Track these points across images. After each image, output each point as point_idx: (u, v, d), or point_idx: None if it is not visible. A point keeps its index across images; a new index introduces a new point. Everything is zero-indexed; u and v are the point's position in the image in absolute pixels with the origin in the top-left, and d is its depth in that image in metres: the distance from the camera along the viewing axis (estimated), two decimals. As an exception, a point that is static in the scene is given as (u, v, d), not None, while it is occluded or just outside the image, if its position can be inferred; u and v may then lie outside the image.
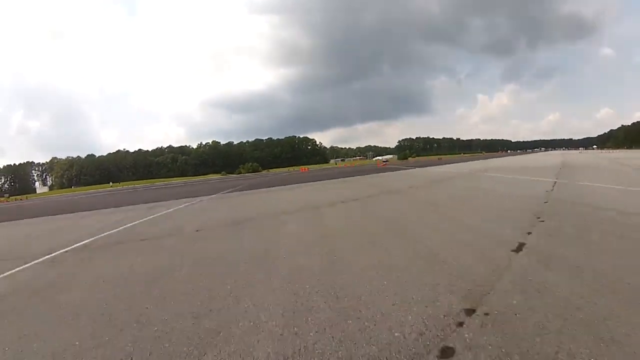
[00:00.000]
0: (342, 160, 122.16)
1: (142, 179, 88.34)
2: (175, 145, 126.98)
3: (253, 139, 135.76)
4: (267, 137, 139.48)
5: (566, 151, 79.56)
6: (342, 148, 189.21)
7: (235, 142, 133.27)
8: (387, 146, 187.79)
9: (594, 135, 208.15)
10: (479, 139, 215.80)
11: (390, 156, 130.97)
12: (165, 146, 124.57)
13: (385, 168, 29.27)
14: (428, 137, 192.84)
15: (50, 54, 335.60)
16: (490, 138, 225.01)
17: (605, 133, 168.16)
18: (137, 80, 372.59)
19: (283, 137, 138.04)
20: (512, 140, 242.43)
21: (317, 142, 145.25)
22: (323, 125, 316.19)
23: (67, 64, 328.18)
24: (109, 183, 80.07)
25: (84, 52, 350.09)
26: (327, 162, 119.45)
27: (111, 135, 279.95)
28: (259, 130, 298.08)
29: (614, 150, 60.58)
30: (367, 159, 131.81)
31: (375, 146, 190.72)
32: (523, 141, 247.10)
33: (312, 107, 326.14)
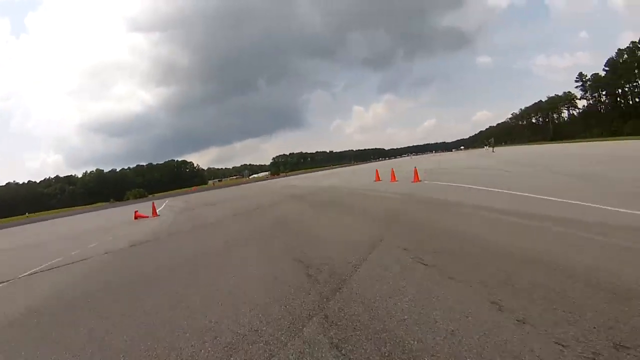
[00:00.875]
0: (219, 180, 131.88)
1: (39, 211, 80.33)
2: (54, 173, 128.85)
3: (134, 165, 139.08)
4: (147, 162, 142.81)
5: (428, 155, 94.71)
6: (219, 169, 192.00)
7: (117, 169, 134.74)
8: (263, 163, 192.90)
9: (467, 137, 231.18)
10: (352, 150, 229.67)
11: (266, 173, 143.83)
12: (49, 175, 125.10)
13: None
14: (302, 152, 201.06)
15: None
16: (363, 148, 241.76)
17: (475, 134, 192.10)
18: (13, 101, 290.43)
19: (162, 162, 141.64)
20: (386, 148, 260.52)
21: (195, 165, 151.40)
22: (201, 145, 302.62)
23: None
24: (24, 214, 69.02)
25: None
26: (205, 183, 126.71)
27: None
28: (138, 154, 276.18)
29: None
30: (243, 177, 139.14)
31: (251, 164, 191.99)
32: (397, 148, 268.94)
33: (190, 127, 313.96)
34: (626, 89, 65.01)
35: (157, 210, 15.46)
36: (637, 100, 62.59)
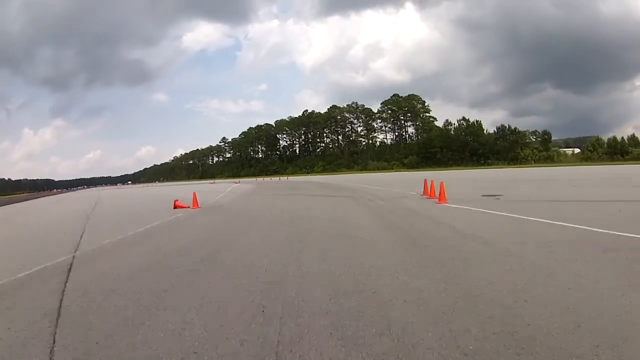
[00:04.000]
0: None
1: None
2: None
3: None
4: None
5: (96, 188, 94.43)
6: None
7: None
8: None
9: (131, 172, 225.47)
10: (27, 179, 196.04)
11: None
12: None
13: None
14: None
15: None
16: (35, 177, 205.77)
17: (140, 170, 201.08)
18: None
19: None
20: (56, 180, 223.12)
21: None
22: None
23: None
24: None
25: None
26: None
27: None
28: None
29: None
30: None
31: None
32: (66, 180, 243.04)
33: None
34: (249, 150, 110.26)
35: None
36: (252, 156, 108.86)
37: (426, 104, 78.93)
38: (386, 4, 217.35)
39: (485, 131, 60.23)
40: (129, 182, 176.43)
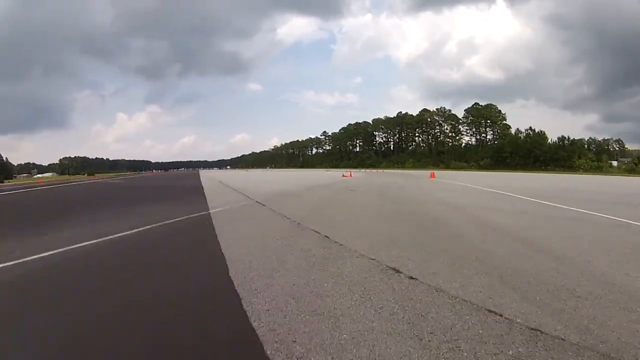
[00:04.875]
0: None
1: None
2: None
3: None
4: None
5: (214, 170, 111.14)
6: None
7: None
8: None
9: (228, 157, 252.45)
10: (125, 159, 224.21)
11: (51, 174, 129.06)
12: None
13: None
14: (85, 157, 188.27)
15: None
16: (131, 158, 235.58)
17: (238, 157, 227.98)
18: None
19: None
20: (152, 161, 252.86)
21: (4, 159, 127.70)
22: None
23: None
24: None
25: None
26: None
27: None
28: None
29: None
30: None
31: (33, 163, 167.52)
32: (162, 162, 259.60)
33: None
34: (347, 144, 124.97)
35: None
36: (350, 150, 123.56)
37: (503, 113, 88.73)
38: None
39: (549, 140, 67.76)
40: (228, 166, 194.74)
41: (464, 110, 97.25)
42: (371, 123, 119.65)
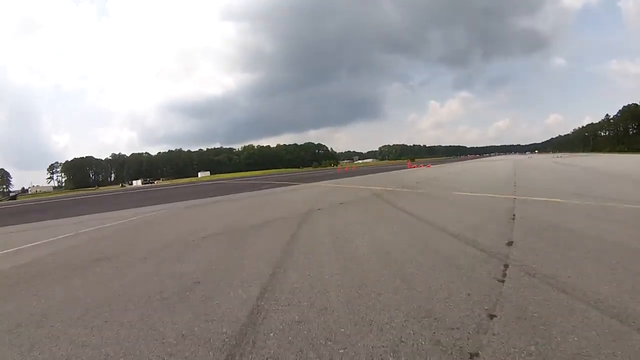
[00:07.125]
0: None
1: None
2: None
3: (283, 144, 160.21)
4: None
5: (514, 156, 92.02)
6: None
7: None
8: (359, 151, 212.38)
9: (540, 141, 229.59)
10: (441, 146, 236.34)
11: (370, 160, 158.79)
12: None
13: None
14: (404, 145, 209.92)
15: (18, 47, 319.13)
16: (447, 144, 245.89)
17: (547, 140, 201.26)
18: (96, 79, 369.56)
19: (303, 143, 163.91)
20: (468, 146, 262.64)
21: (329, 148, 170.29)
22: (276, 130, 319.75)
23: (30, 58, 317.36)
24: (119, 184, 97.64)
25: (49, 47, 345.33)
26: (337, 164, 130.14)
27: (62, 139, 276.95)
28: (213, 135, 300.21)
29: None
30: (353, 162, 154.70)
31: (353, 151, 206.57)
32: (477, 147, 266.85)
33: (267, 112, 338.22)
34: None
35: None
36: None
37: None
38: None
39: None
40: (536, 150, 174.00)
41: None
42: None
